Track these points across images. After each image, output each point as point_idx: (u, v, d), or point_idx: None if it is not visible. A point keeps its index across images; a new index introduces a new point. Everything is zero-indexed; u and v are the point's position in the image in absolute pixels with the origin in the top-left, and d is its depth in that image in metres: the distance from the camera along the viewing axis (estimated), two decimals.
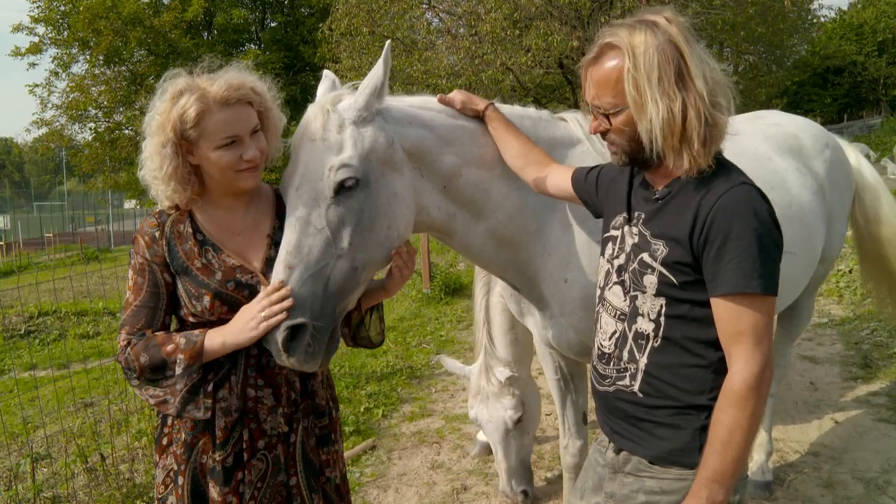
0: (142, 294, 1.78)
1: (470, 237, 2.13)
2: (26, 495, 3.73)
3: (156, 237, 1.79)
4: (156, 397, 1.76)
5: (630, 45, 1.48)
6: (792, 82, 33.60)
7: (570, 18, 13.68)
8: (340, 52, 17.32)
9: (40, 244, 34.66)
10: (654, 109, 1.46)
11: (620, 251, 1.67)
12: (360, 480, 3.96)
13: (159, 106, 1.76)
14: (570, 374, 2.83)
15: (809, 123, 3.38)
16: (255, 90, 1.81)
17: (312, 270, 1.69)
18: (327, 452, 1.99)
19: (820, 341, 5.89)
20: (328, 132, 1.75)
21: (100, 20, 24.72)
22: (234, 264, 1.81)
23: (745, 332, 1.42)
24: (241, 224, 1.88)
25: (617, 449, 1.71)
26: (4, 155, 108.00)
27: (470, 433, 4.50)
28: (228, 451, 1.80)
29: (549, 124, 2.29)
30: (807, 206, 2.90)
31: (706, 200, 1.47)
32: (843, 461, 3.76)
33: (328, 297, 1.72)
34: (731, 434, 1.41)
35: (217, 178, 1.79)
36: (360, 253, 1.77)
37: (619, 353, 1.66)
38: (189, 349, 1.70)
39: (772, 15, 15.96)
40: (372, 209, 1.77)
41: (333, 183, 1.71)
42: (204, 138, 1.73)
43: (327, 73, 2.05)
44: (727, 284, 1.43)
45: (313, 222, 1.71)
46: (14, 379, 7.36)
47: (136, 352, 1.72)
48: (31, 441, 4.35)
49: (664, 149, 1.50)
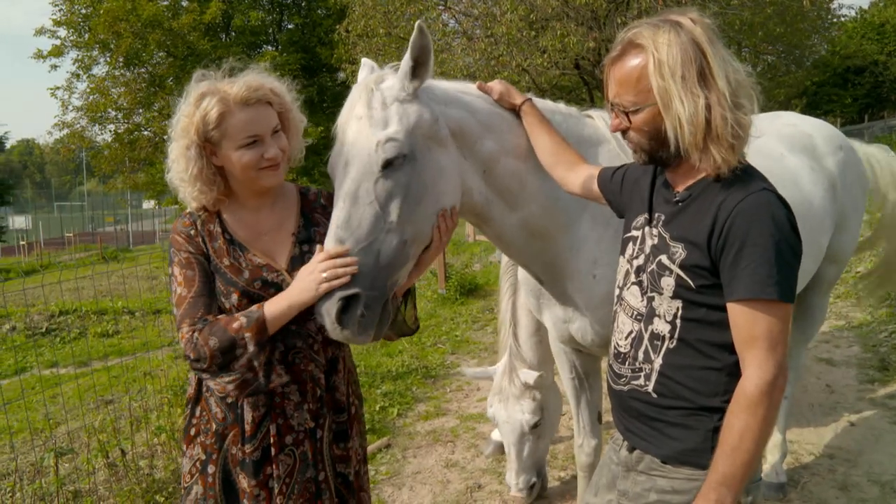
0: (195, 285, 1.81)
1: (505, 225, 2.16)
2: (49, 489, 3.81)
3: (191, 234, 1.85)
4: (233, 381, 1.76)
5: (654, 43, 1.49)
6: (812, 82, 33.22)
7: (586, 19, 13.65)
8: (357, 54, 17.40)
9: (61, 244, 35.14)
10: (681, 107, 1.46)
11: (640, 252, 1.68)
12: (375, 478, 4.00)
13: (184, 109, 1.81)
14: (585, 373, 2.84)
15: (824, 125, 3.44)
16: (274, 91, 1.86)
17: (363, 244, 1.71)
18: (342, 448, 2.02)
19: (837, 343, 5.85)
20: (373, 109, 1.78)
21: (120, 23, 25.03)
22: (261, 263, 1.85)
23: (760, 338, 1.43)
24: (267, 224, 1.92)
25: (630, 447, 1.72)
26: (26, 156, 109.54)
27: (484, 432, 4.53)
28: (256, 445, 1.84)
29: (578, 121, 2.32)
30: (816, 202, 2.94)
31: (726, 204, 1.48)
32: (859, 463, 3.74)
33: (379, 270, 1.73)
34: (742, 438, 1.42)
35: (240, 177, 1.84)
36: (409, 226, 1.78)
37: (634, 353, 1.67)
38: (253, 325, 1.72)
39: (790, 14, 15.80)
40: (419, 183, 1.80)
41: (381, 158, 1.73)
42: (226, 139, 1.78)
43: (366, 60, 2.08)
44: (743, 290, 1.43)
45: (362, 197, 1.73)
46: (36, 376, 7.50)
47: (203, 337, 1.72)
48: (54, 436, 4.44)
49: (689, 147, 1.50)
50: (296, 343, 1.88)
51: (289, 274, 1.85)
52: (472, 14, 16.08)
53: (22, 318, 10.90)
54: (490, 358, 6.33)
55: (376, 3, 15.89)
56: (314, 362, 1.91)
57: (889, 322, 6.17)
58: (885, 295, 4.46)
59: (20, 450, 4.73)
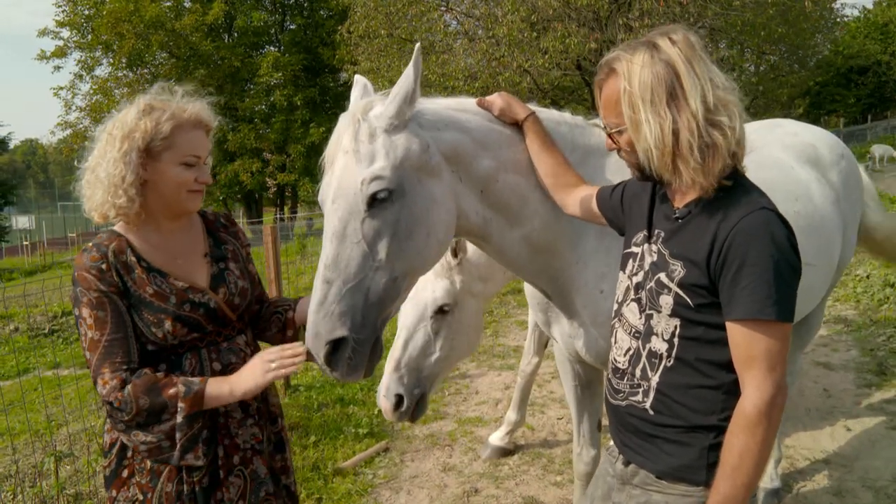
0: (108, 326, 1.73)
1: (505, 243, 2.11)
2: (50, 492, 3.84)
3: (103, 269, 1.74)
4: (148, 444, 1.73)
5: (628, 68, 1.53)
6: (815, 82, 33.19)
7: (588, 20, 13.65)
8: (359, 55, 17.45)
9: (64, 244, 35.22)
10: (647, 129, 1.50)
11: (639, 268, 1.68)
12: (372, 482, 4.02)
13: (125, 117, 1.81)
14: (588, 382, 2.84)
15: (826, 133, 3.42)
16: (212, 126, 1.94)
17: (351, 284, 1.69)
18: (282, 459, 2.05)
19: (835, 347, 5.86)
20: (360, 143, 1.74)
21: (122, 24, 25.11)
22: (184, 286, 1.84)
23: (759, 358, 1.43)
24: (178, 247, 1.92)
25: (626, 461, 1.73)
26: (30, 156, 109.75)
27: (482, 436, 4.56)
28: (204, 472, 1.81)
29: (585, 131, 2.27)
30: (827, 216, 2.92)
31: (725, 223, 1.47)
32: (854, 469, 3.75)
33: (368, 308, 1.71)
34: (742, 459, 1.42)
35: (167, 194, 1.83)
36: (399, 263, 1.76)
37: (632, 369, 1.67)
38: (190, 397, 1.70)
39: (793, 15, 15.77)
40: (409, 218, 1.76)
41: (366, 196, 1.69)
42: (170, 151, 1.80)
43: (359, 77, 2.04)
44: (742, 310, 1.43)
45: (349, 236, 1.71)
46: (38, 377, 7.54)
47: (135, 392, 1.68)
48: (54, 440, 4.47)
49: (659, 169, 1.53)
50: (230, 359, 1.90)
51: (213, 292, 1.88)
52: (474, 15, 16.09)
53: (24, 319, 10.94)
54: (489, 361, 6.36)
55: (378, 5, 15.91)
56: None
57: (887, 325, 6.19)
58: None
59: (22, 451, 4.75)
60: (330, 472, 4.07)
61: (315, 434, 4.57)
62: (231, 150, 27.44)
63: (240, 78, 28.34)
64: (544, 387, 5.41)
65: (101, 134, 1.84)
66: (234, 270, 1.97)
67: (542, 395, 5.27)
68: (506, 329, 7.60)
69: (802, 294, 2.88)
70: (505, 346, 6.83)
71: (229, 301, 1.91)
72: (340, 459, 4.27)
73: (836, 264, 3.07)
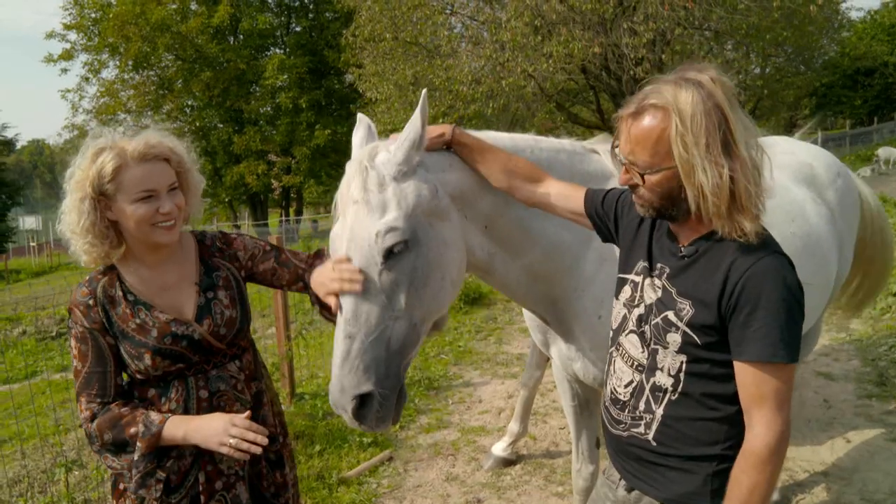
0: (88, 360, 1.84)
1: (509, 274, 2.12)
2: (60, 499, 3.91)
3: (90, 304, 1.84)
4: (113, 469, 1.85)
5: (676, 105, 1.45)
6: (821, 84, 33.09)
7: (592, 24, 13.67)
8: (364, 58, 17.51)
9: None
10: (704, 177, 1.43)
11: (640, 301, 1.68)
12: (376, 491, 4.08)
13: (80, 163, 1.84)
14: (587, 400, 2.87)
15: (822, 152, 3.45)
16: (172, 149, 1.91)
17: (373, 336, 1.69)
18: (282, 475, 2.10)
19: (836, 357, 5.88)
20: (370, 192, 1.72)
21: (129, 26, 25.31)
22: (168, 318, 1.88)
23: (768, 398, 1.45)
24: (168, 278, 1.94)
25: (628, 487, 1.75)
26: (37, 156, 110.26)
27: (485, 446, 4.61)
28: (184, 494, 1.87)
29: (584, 158, 2.28)
30: (823, 236, 2.94)
31: (737, 265, 1.48)
32: (853, 481, 3.79)
33: (391, 358, 1.72)
34: (751, 495, 1.45)
35: (134, 232, 1.85)
36: (418, 310, 1.76)
37: (634, 402, 1.68)
38: (147, 439, 1.78)
39: (798, 18, 15.76)
40: (424, 265, 1.75)
41: (382, 248, 1.68)
42: (121, 192, 1.81)
43: (361, 117, 2.02)
44: (754, 352, 1.45)
45: (367, 288, 1.70)
46: (46, 380, 7.61)
47: (100, 428, 1.80)
48: (64, 447, 4.53)
49: (714, 216, 1.48)
50: (219, 387, 1.94)
51: (197, 323, 1.90)
52: (478, 19, 16.13)
53: (32, 322, 11.05)
54: (492, 369, 6.40)
55: (383, 8, 15.95)
56: (239, 401, 1.96)
57: (890, 336, 6.20)
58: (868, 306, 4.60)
59: (31, 456, 4.82)
60: (334, 481, 4.13)
61: (320, 443, 4.62)
62: (236, 152, 27.58)
63: (245, 80, 28.48)
64: (546, 396, 5.45)
65: (68, 179, 1.87)
66: (224, 300, 1.98)
67: (545, 404, 5.32)
68: (509, 336, 7.64)
69: None
70: (508, 354, 6.87)
71: (214, 332, 1.93)
72: (345, 469, 4.32)
73: (832, 282, 3.11)
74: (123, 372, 1.93)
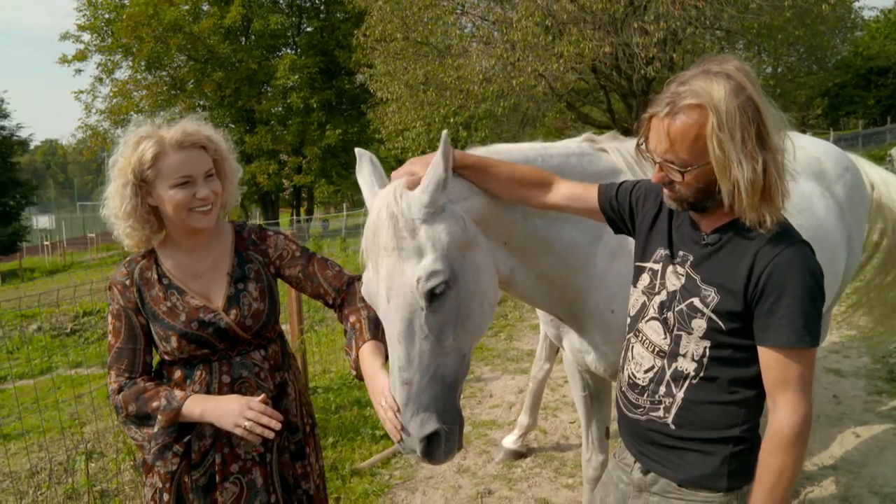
0: (121, 336, 1.95)
1: (528, 285, 2.16)
2: (80, 490, 3.99)
3: (126, 285, 1.96)
4: (135, 441, 1.96)
5: (712, 103, 1.46)
6: (833, 83, 32.87)
7: (603, 23, 13.70)
8: (375, 58, 17.60)
9: (83, 243, 35.70)
10: (739, 171, 1.45)
11: (661, 287, 1.70)
12: (389, 482, 4.14)
13: (122, 151, 1.93)
14: (597, 391, 2.91)
15: (831, 147, 3.48)
16: (209, 138, 1.99)
17: (428, 376, 1.72)
18: (302, 466, 2.14)
19: (847, 354, 5.89)
20: (402, 240, 1.71)
21: (142, 27, 25.53)
22: (198, 305, 1.96)
23: (793, 381, 1.49)
24: (203, 265, 2.02)
25: (644, 469, 1.78)
26: (50, 156, 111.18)
27: (496, 439, 4.66)
28: (203, 472, 1.96)
29: (593, 158, 2.30)
30: (830, 229, 2.98)
31: (763, 254, 1.51)
32: (862, 475, 3.81)
33: (447, 393, 1.76)
34: (781, 476, 1.49)
35: (172, 217, 1.93)
36: (465, 341, 1.81)
37: (654, 387, 1.70)
38: (167, 412, 1.87)
39: (810, 18, 15.71)
40: (465, 298, 1.78)
41: (424, 292, 1.68)
42: (160, 178, 1.89)
43: (361, 152, 2.00)
44: (781, 338, 1.49)
45: (416, 333, 1.72)
46: (62, 376, 7.74)
47: (125, 399, 1.91)
48: (84, 440, 4.62)
49: (746, 208, 1.51)
50: (241, 373, 2.00)
51: (225, 313, 1.97)
52: (489, 19, 16.18)
53: (47, 319, 11.19)
54: (503, 365, 6.45)
55: (394, 9, 16.03)
56: (261, 389, 2.01)
57: None
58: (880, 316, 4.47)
59: (50, 449, 4.91)
60: (347, 472, 4.19)
61: (333, 435, 4.69)
62: (248, 151, 27.75)
63: (257, 80, 28.65)
64: (557, 391, 5.50)
65: (111, 167, 1.96)
66: (253, 292, 2.03)
67: (555, 398, 5.36)
68: (520, 333, 7.69)
69: None
70: (519, 350, 6.92)
71: (240, 323, 1.98)
72: (358, 460, 4.39)
73: (840, 275, 3.15)
74: (154, 351, 2.01)
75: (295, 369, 2.22)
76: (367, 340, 1.95)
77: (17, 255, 31.04)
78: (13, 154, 36.93)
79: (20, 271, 26.08)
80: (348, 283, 2.13)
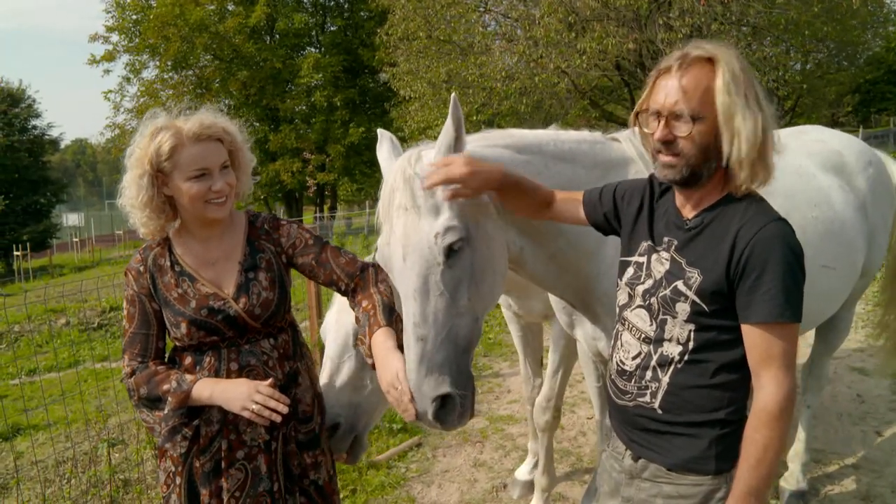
0: (134, 322, 2.00)
1: (538, 266, 2.18)
2: (102, 477, 4.08)
3: (140, 271, 2.01)
4: (147, 423, 2.01)
5: (725, 58, 1.56)
6: (864, 80, 32.20)
7: (627, 20, 13.58)
8: (398, 56, 17.63)
9: (111, 240, 36.35)
10: (742, 123, 1.53)
11: (647, 277, 1.74)
12: (405, 475, 4.16)
13: (139, 141, 1.95)
14: None
15: (853, 140, 3.43)
16: (225, 130, 2.01)
17: (442, 335, 1.75)
18: (312, 455, 2.14)
19: (871, 353, 5.78)
20: (418, 198, 1.77)
21: (168, 27, 25.86)
22: (208, 292, 1.98)
23: (776, 357, 1.52)
24: (215, 254, 2.05)
25: (635, 456, 1.80)
26: (79, 155, 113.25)
27: (512, 434, 4.66)
28: (209, 458, 1.99)
29: (605, 147, 2.34)
30: (848, 222, 2.96)
31: (744, 232, 1.55)
32: (884, 474, 3.75)
33: (460, 355, 1.78)
34: (766, 451, 1.51)
35: (188, 207, 1.96)
36: (479, 303, 1.83)
37: (641, 372, 1.73)
38: (177, 394, 1.91)
39: (840, 12, 15.40)
40: (479, 260, 1.82)
41: (442, 248, 1.74)
42: (177, 170, 1.92)
43: (382, 132, 2.08)
44: (763, 314, 1.51)
45: (431, 289, 1.75)
46: (89, 369, 7.89)
47: (138, 382, 1.96)
48: (107, 428, 4.71)
49: (743, 161, 1.55)
50: (249, 361, 2.02)
51: (234, 301, 1.99)
52: (512, 16, 16.13)
53: (76, 314, 11.41)
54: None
55: (417, 7, 16.04)
56: (269, 377, 2.01)
57: None
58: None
59: (75, 439, 5.02)
60: (364, 465, 4.22)
61: None
62: (272, 150, 27.96)
63: (281, 79, 28.84)
64: (575, 387, 5.48)
65: (128, 157, 1.99)
66: (263, 281, 2.04)
67: (573, 395, 5.35)
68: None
69: (824, 298, 2.92)
70: None
71: (249, 311, 2.00)
72: (375, 453, 4.42)
73: (859, 269, 3.11)
74: (168, 337, 2.05)
75: (308, 360, 2.23)
76: (381, 326, 1.93)
77: (47, 251, 31.66)
78: (44, 153, 37.65)
79: (50, 267, 26.61)
80: (362, 268, 2.12)
